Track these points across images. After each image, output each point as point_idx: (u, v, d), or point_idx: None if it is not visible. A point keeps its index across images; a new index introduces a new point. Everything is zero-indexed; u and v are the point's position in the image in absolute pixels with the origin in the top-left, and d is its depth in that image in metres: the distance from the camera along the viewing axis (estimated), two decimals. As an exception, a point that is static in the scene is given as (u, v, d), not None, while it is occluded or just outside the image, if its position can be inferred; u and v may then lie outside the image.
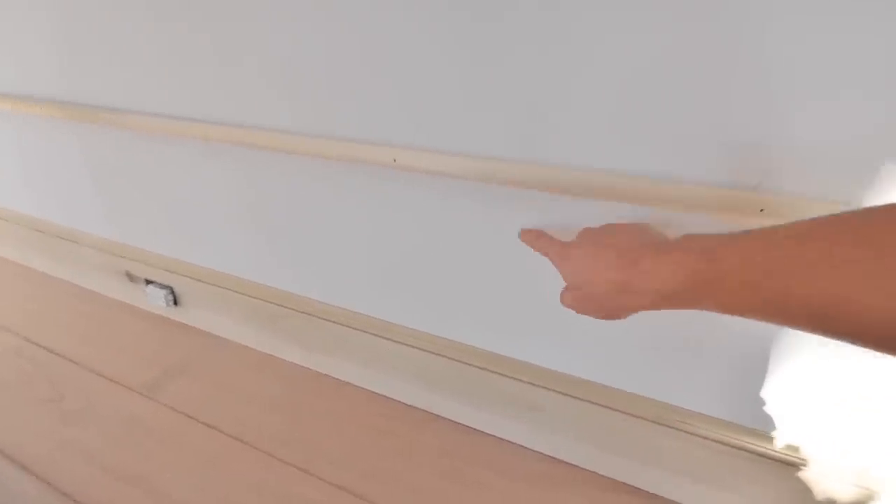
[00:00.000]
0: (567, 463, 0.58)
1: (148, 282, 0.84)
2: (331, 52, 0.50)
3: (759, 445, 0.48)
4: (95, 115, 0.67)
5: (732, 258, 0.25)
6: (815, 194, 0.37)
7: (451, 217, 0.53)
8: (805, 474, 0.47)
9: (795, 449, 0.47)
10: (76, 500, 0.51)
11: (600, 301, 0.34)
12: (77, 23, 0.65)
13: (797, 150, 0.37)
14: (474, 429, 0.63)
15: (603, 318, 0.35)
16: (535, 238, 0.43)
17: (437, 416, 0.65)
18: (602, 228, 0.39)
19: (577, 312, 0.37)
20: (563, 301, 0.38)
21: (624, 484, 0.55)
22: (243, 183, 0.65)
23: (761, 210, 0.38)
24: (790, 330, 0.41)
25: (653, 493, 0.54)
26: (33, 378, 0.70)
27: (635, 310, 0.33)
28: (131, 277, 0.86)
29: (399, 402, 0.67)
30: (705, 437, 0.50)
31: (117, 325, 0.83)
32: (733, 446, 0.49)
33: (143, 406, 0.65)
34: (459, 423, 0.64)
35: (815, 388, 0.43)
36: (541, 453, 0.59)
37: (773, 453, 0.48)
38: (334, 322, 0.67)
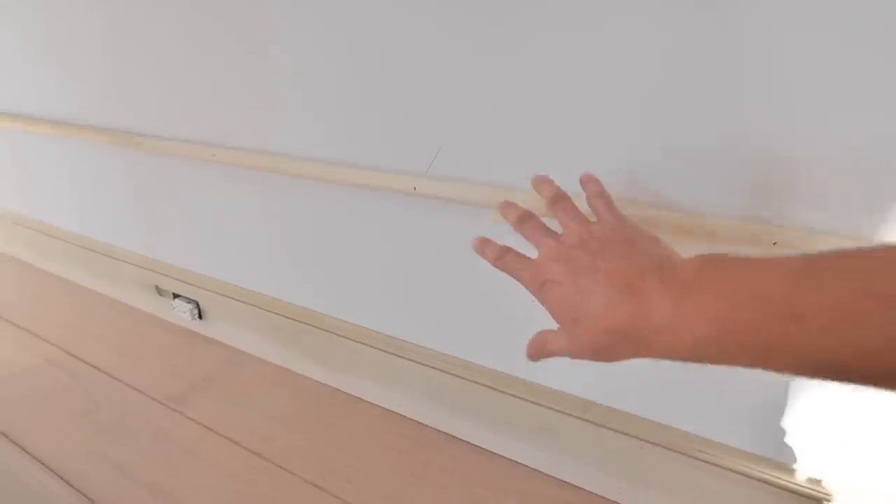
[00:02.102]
0: (580, 488, 0.58)
1: (175, 296, 0.88)
2: (355, 85, 0.52)
3: (781, 478, 0.47)
4: (139, 141, 0.72)
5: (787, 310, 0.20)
6: (825, 228, 0.37)
7: (467, 242, 0.54)
8: (829, 510, 0.45)
9: (818, 482, 0.46)
10: (107, 509, 0.54)
11: (597, 348, 0.26)
12: (124, 57, 0.70)
13: (809, 182, 0.37)
14: (487, 450, 0.63)
15: (604, 361, 0.28)
16: (500, 257, 0.32)
17: (451, 435, 0.66)
18: (584, 243, 0.28)
19: (573, 358, 0.29)
20: (547, 347, 0.30)
21: (639, 512, 0.54)
22: (270, 205, 0.68)
23: (774, 243, 0.38)
24: None
25: (670, 524, 0.53)
26: (71, 389, 0.74)
27: (639, 358, 0.26)
28: (160, 291, 0.90)
29: (413, 420, 0.68)
30: (725, 468, 0.49)
31: (147, 338, 0.87)
32: (754, 478, 0.48)
33: (171, 419, 0.68)
34: (472, 444, 0.64)
35: (838, 421, 0.43)
36: (554, 477, 0.59)
37: (794, 486, 0.46)
38: (352, 340, 0.69)
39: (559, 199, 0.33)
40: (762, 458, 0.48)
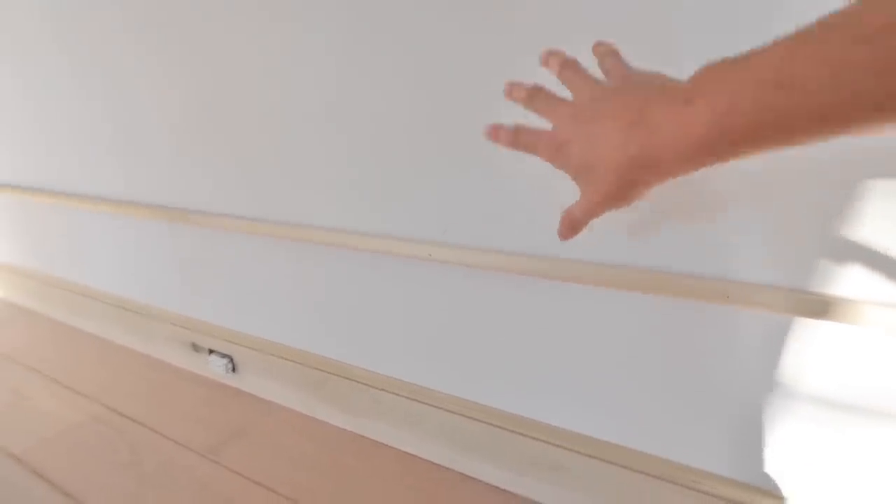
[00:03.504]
0: (591, 523, 0.62)
1: (211, 351, 0.96)
2: (375, 164, 0.64)
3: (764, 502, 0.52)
4: (187, 216, 0.84)
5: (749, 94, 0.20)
6: (777, 281, 0.45)
7: (479, 299, 0.63)
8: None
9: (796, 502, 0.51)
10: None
11: (613, 189, 0.27)
12: (179, 144, 0.84)
13: (760, 237, 0.45)
14: (502, 489, 0.68)
15: (624, 205, 0.28)
16: (514, 138, 0.33)
17: (467, 475, 0.71)
18: (594, 98, 0.29)
19: (595, 216, 0.29)
20: (573, 214, 0.30)
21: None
22: (301, 269, 0.78)
23: (727, 297, 0.46)
24: (790, 392, 0.47)
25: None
26: (114, 443, 0.80)
27: (655, 184, 0.26)
28: (196, 348, 0.98)
29: (431, 462, 0.73)
30: (720, 497, 0.53)
31: (182, 392, 0.94)
32: (736, 502, 0.53)
33: (209, 469, 0.74)
34: (488, 483, 0.69)
35: (817, 447, 0.48)
36: (566, 513, 0.64)
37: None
38: (374, 387, 0.76)
39: (567, 65, 0.32)
40: (747, 485, 0.53)
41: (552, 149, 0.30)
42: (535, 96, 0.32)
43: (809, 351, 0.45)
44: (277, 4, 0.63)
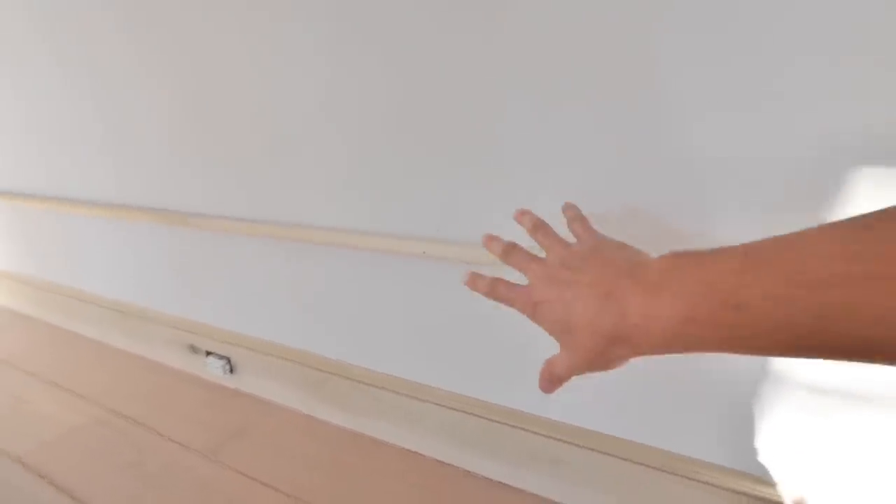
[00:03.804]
0: (591, 515, 0.63)
1: (208, 353, 0.96)
2: (369, 162, 0.64)
3: (763, 492, 0.53)
4: (185, 219, 0.83)
5: (753, 294, 0.21)
6: None
7: (477, 296, 0.63)
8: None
9: (799, 495, 0.51)
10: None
11: (592, 356, 0.28)
12: (176, 147, 0.83)
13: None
14: (503, 483, 0.69)
15: (605, 370, 0.29)
16: (491, 289, 0.35)
17: (468, 471, 0.71)
18: (566, 262, 0.31)
19: (577, 374, 0.31)
20: (554, 370, 0.31)
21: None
22: (297, 269, 0.78)
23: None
24: (783, 379, 0.48)
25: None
26: (116, 444, 0.80)
27: (631, 358, 0.28)
28: (194, 349, 0.98)
29: (432, 458, 0.74)
30: (721, 488, 0.54)
31: (181, 393, 0.94)
32: (739, 492, 0.54)
33: (211, 468, 0.74)
34: (488, 478, 0.70)
35: (810, 434, 0.49)
36: (565, 506, 0.65)
37: (777, 499, 0.52)
38: (373, 385, 0.76)
39: (539, 226, 0.37)
40: (745, 474, 0.53)
41: (529, 306, 0.32)
42: (510, 252, 0.36)
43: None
44: (269, 4, 0.62)
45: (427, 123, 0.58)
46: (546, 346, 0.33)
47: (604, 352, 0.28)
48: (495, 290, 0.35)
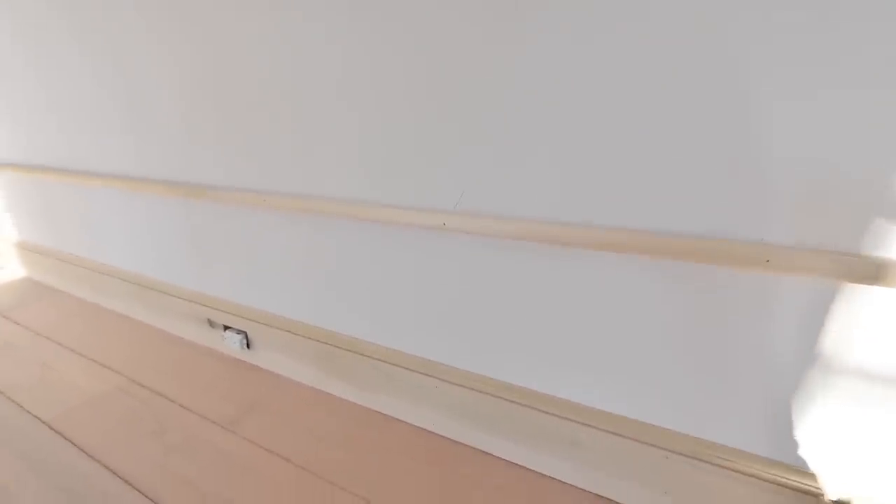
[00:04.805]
0: (610, 499, 0.61)
1: (226, 327, 0.97)
2: (384, 135, 0.62)
3: (799, 482, 0.50)
4: (203, 192, 0.83)
5: None
6: (814, 243, 0.42)
7: (494, 270, 0.61)
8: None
9: (836, 485, 0.48)
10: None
11: None
12: (192, 123, 0.83)
13: (796, 199, 0.42)
14: (519, 465, 0.67)
15: None
16: None
17: (484, 451, 0.70)
18: None
19: None
20: None
21: (667, 520, 0.57)
22: (313, 242, 0.77)
23: (767, 261, 0.43)
24: (833, 366, 0.45)
25: (696, 530, 0.56)
26: (140, 413, 0.82)
27: None
28: (212, 324, 0.99)
29: (447, 437, 0.73)
30: (743, 473, 0.52)
31: (200, 366, 0.96)
32: (773, 482, 0.51)
33: (229, 439, 0.75)
34: (505, 459, 0.69)
35: (853, 426, 0.46)
36: (583, 490, 0.63)
37: (813, 490, 0.49)
38: (387, 362, 0.76)
39: None
40: (779, 463, 0.51)
41: None
42: None
43: (857, 320, 0.42)
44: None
45: (440, 94, 0.55)
46: (564, 328, 0.32)
47: None
48: None
